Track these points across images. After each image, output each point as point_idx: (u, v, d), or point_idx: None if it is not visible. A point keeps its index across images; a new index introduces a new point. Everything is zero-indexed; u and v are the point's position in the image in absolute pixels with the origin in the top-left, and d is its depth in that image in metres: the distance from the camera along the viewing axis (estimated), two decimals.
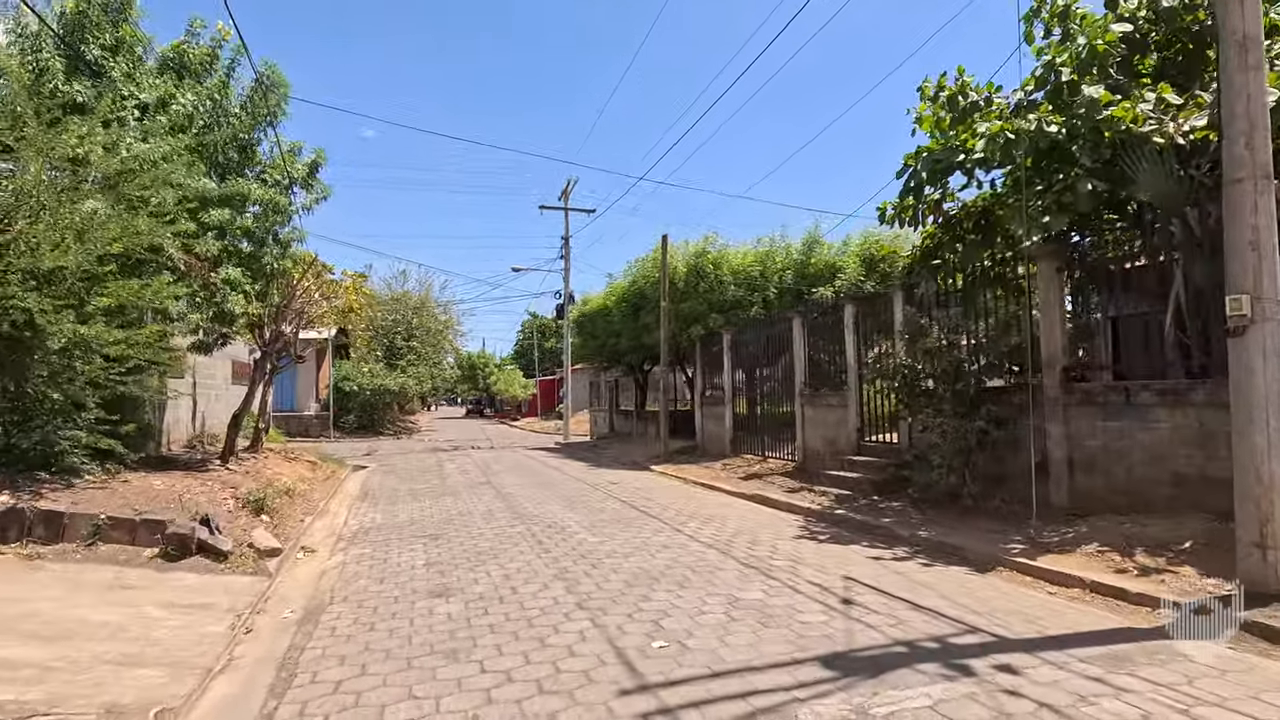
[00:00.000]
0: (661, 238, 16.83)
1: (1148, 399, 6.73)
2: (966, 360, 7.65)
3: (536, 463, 17.92)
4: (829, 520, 8.61)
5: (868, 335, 11.38)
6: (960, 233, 8.99)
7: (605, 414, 28.40)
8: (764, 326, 15.05)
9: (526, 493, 11.65)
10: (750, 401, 15.93)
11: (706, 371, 17.97)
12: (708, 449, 17.23)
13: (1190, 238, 6.40)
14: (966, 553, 6.49)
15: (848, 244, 17.01)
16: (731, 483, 12.41)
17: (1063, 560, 5.89)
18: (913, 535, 7.27)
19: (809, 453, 12.79)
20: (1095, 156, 6.78)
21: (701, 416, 17.84)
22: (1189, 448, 6.44)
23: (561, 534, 7.89)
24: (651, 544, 7.26)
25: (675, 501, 10.51)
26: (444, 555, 6.89)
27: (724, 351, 16.24)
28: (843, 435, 11.73)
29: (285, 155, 10.45)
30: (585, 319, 23.54)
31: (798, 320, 13.22)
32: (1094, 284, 7.57)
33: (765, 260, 17.01)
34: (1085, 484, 7.43)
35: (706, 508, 9.90)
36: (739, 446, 15.84)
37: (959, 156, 7.78)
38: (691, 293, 17.23)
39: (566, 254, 28.22)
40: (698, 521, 8.66)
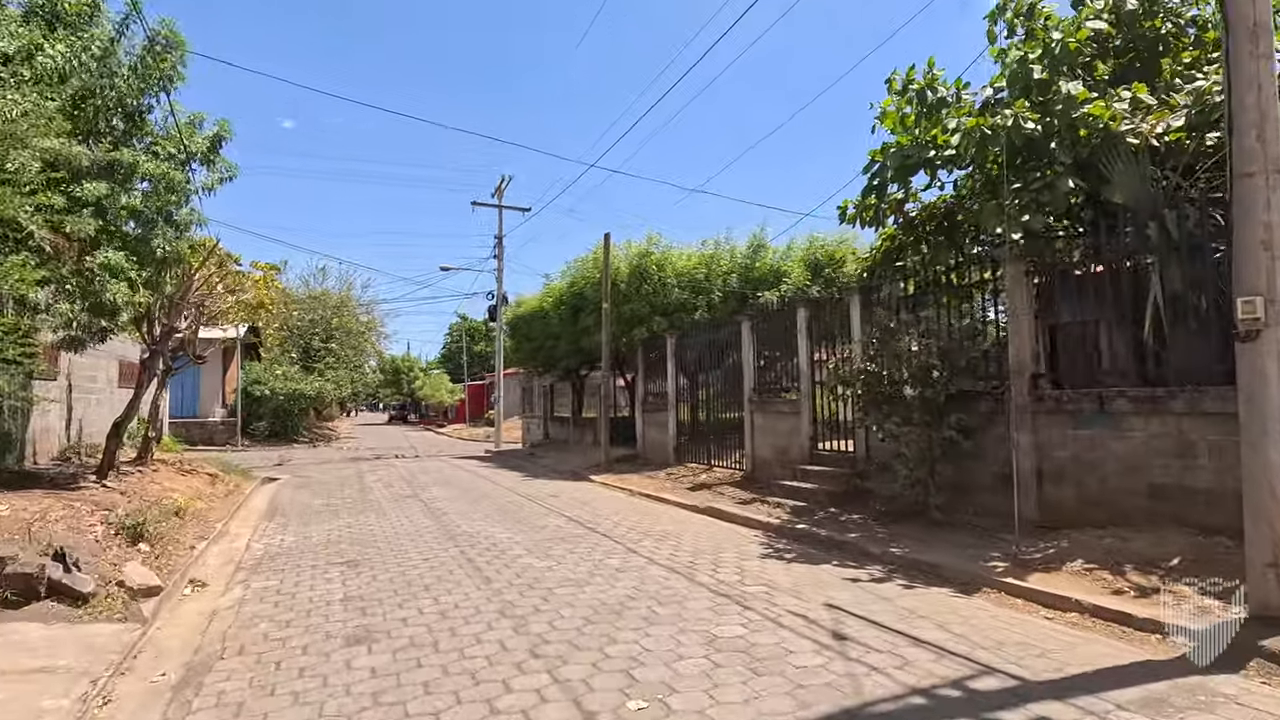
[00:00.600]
0: (604, 236, 16.12)
1: (1123, 407, 6.51)
2: (936, 366, 7.28)
3: (467, 473, 16.80)
4: (791, 536, 8.08)
5: (822, 340, 11.01)
6: (923, 234, 8.69)
7: (539, 420, 27.36)
8: (710, 330, 14.55)
9: (459, 507, 10.65)
10: (693, 408, 15.41)
11: (649, 376, 17.34)
12: (650, 457, 16.59)
13: (1166, 241, 6.21)
14: (946, 571, 6.06)
15: (792, 248, 16.79)
16: (679, 494, 11.78)
17: (1051, 579, 5.51)
18: (884, 552, 6.80)
19: (758, 462, 12.33)
20: (1073, 155, 6.53)
21: (643, 423, 17.18)
22: (1166, 458, 6.23)
23: (502, 557, 7.02)
24: (606, 568, 6.50)
25: (623, 515, 9.77)
26: (366, 587, 5.92)
27: (668, 356, 15.66)
28: (795, 444, 11.31)
29: (182, 126, 9.14)
30: (520, 321, 22.52)
31: (747, 324, 12.77)
32: (1057, 289, 7.35)
33: (710, 263, 16.55)
34: (1055, 496, 7.17)
35: (658, 522, 9.21)
36: (683, 455, 15.27)
37: (929, 152, 7.43)
38: (634, 295, 16.56)
39: (500, 253, 27.10)
40: (652, 539, 7.96)
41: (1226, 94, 4.56)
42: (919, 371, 7.41)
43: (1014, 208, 6.52)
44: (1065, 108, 6.55)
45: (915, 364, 7.38)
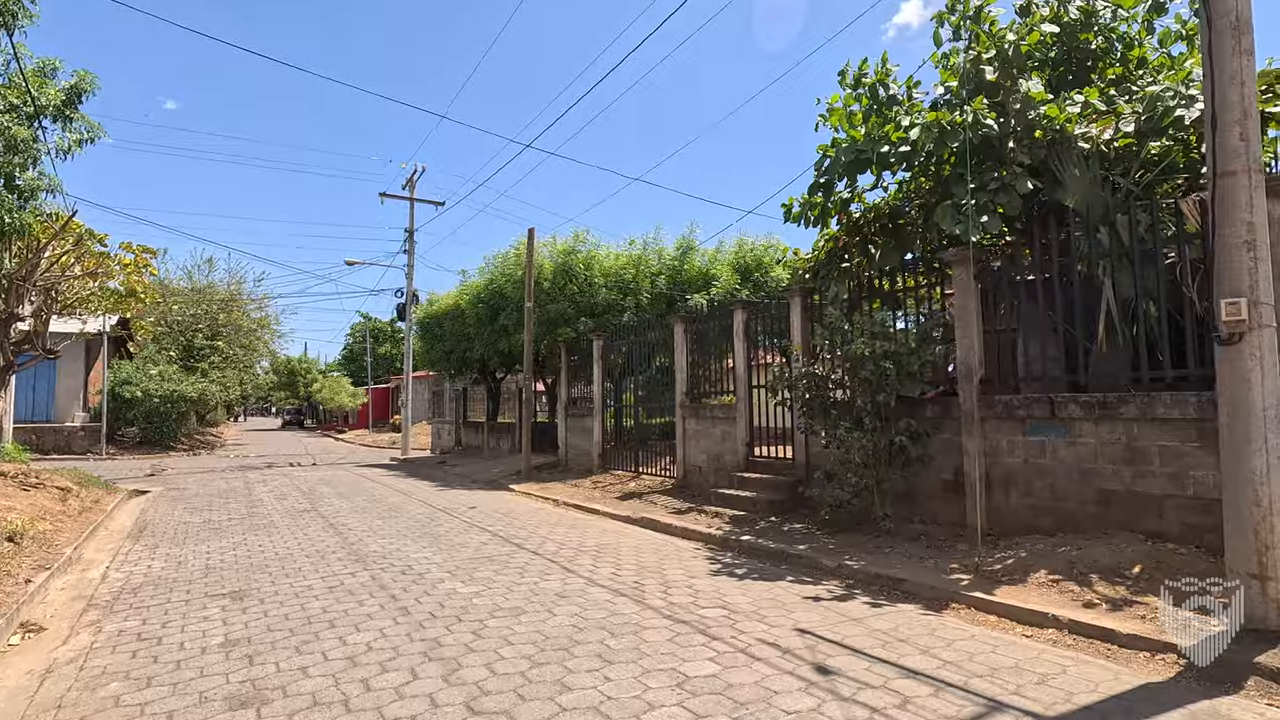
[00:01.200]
0: (528, 231, 15.27)
1: (1074, 413, 6.43)
2: (889, 370, 7.01)
3: (374, 483, 15.46)
4: (737, 549, 7.60)
5: (760, 343, 10.69)
6: (868, 235, 8.48)
7: (450, 426, 25.96)
8: (639, 332, 14.01)
9: (366, 523, 9.54)
10: (618, 413, 14.82)
11: (572, 380, 16.60)
12: (572, 465, 15.84)
13: (1119, 246, 6.18)
14: (910, 586, 5.72)
15: (721, 251, 16.54)
16: (608, 504, 11.12)
17: (1019, 593, 5.26)
18: (839, 565, 6.42)
19: (690, 469, 11.86)
20: (1030, 156, 6.41)
21: (565, 429, 16.41)
22: (1117, 464, 6.18)
23: (421, 582, 6.13)
24: (543, 592, 5.76)
25: (552, 529, 9.01)
26: (255, 626, 4.91)
27: (594, 358, 14.98)
28: (730, 450, 10.91)
29: (29, 74, 7.66)
30: (432, 321, 21.19)
31: (680, 326, 12.30)
32: (1007, 294, 7.27)
33: (638, 263, 16.05)
34: (1003, 503, 7.05)
35: (590, 536, 8.52)
36: (609, 462, 14.63)
37: (884, 147, 7.16)
38: (558, 294, 15.80)
39: (410, 248, 25.53)
40: (589, 556, 7.26)
41: (1208, 91, 4.42)
42: (872, 375, 7.12)
43: (971, 208, 6.33)
44: (1023, 107, 6.45)
45: (869, 368, 7.09)
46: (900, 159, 7.11)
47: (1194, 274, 5.75)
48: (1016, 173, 6.36)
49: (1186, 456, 5.72)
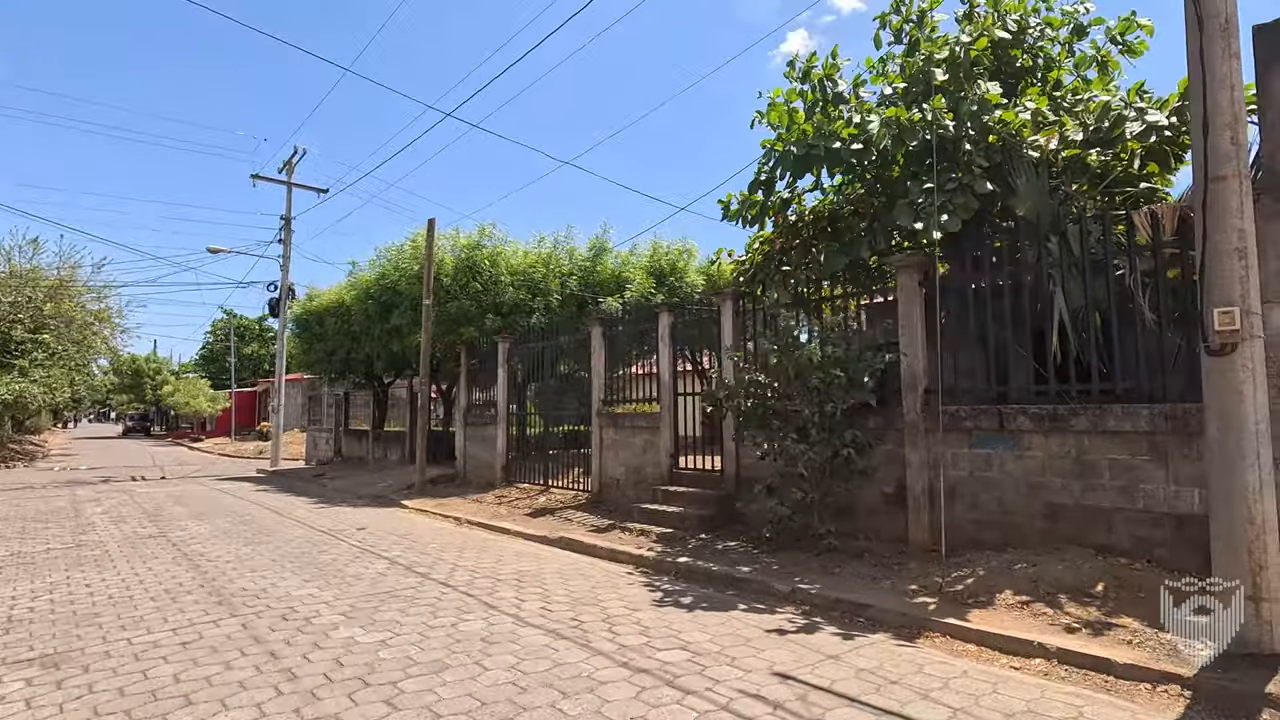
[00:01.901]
0: (428, 222, 13.97)
1: (1024, 424, 6.29)
2: (839, 378, 6.63)
3: (239, 500, 13.51)
4: (673, 572, 6.93)
5: (687, 349, 10.14)
6: (807, 238, 8.13)
7: (328, 434, 23.67)
8: (550, 335, 13.09)
9: (231, 551, 8.04)
10: (521, 421, 13.80)
11: (473, 384, 15.37)
12: (472, 477, 14.62)
13: (1068, 257, 6.11)
14: (875, 613, 5.27)
15: (635, 254, 15.95)
16: (519, 522, 10.14)
17: (992, 618, 4.93)
18: (794, 590, 5.90)
19: (607, 482, 11.11)
20: (987, 159, 6.24)
21: (464, 438, 15.16)
22: (1066, 477, 6.07)
23: (309, 630, 4.98)
24: (466, 638, 4.80)
25: (460, 554, 7.95)
26: (74, 716, 3.64)
27: (499, 362, 13.89)
28: (652, 462, 10.27)
29: None
30: (312, 318, 19.15)
31: (598, 328, 11.54)
32: (953, 301, 7.10)
33: (548, 262, 15.13)
34: (948, 517, 6.81)
35: (506, 561, 7.56)
36: (513, 474, 13.57)
37: (835, 144, 6.80)
38: (460, 292, 14.58)
39: (287, 238, 23.10)
40: (510, 587, 6.33)
41: (1197, 95, 4.27)
42: (821, 384, 6.70)
43: (931, 207, 6.05)
44: (980, 110, 6.27)
45: (818, 375, 6.66)
46: (853, 156, 6.77)
47: (1144, 286, 5.73)
48: (975, 174, 6.16)
49: (1137, 469, 5.67)
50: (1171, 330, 5.60)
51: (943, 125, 6.22)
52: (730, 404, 7.89)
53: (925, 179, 6.35)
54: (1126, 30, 7.87)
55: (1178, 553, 5.41)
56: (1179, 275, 5.60)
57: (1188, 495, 5.42)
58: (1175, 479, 5.48)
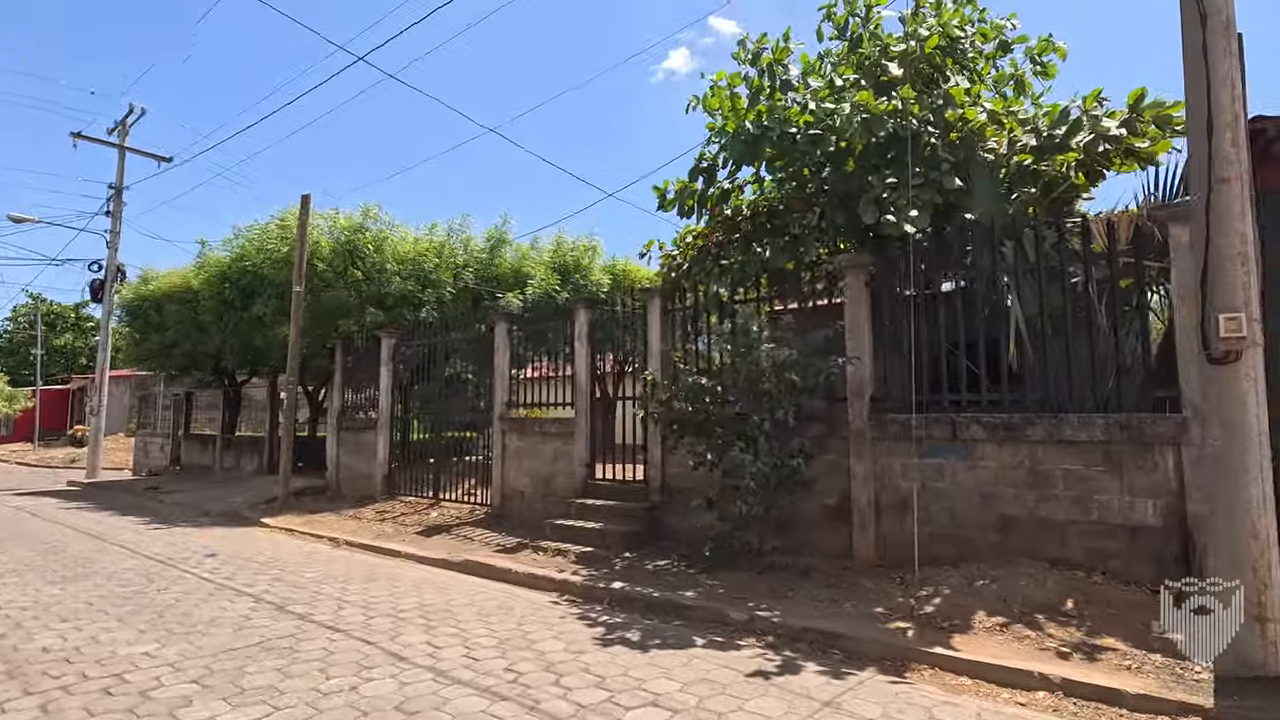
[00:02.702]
0: (301, 199, 12.19)
1: (977, 433, 6.08)
2: (796, 382, 6.12)
3: (45, 521, 11.04)
4: (608, 600, 6.10)
5: (606, 349, 9.35)
6: (747, 233, 7.63)
7: (164, 440, 20.49)
8: (443, 331, 11.80)
9: (30, 592, 6.24)
10: (406, 426, 12.38)
11: (348, 385, 13.65)
12: (345, 490, 12.93)
13: (1022, 262, 5.97)
14: (850, 644, 4.74)
15: (536, 248, 14.92)
16: (409, 541, 8.87)
17: (977, 645, 4.55)
18: (752, 618, 5.27)
19: (510, 494, 10.05)
20: (952, 155, 5.99)
21: (337, 445, 13.40)
22: (1019, 488, 5.91)
23: (147, 713, 3.67)
24: (375, 710, 3.71)
25: (345, 585, 6.65)
26: None
27: (383, 359, 12.37)
28: (565, 472, 9.36)
29: None
30: (147, 304, 16.38)
31: (504, 325, 10.47)
32: (902, 305, 6.84)
33: (441, 251, 13.77)
34: (895, 531, 6.51)
35: (404, 591, 6.38)
36: (396, 486, 12.11)
37: (790, 128, 6.31)
38: (338, 280, 12.89)
39: (117, 210, 19.77)
40: (418, 628, 5.23)
41: (1200, 94, 4.11)
42: (774, 388, 6.16)
43: (901, 202, 5.70)
44: (945, 104, 6.02)
45: (771, 379, 6.12)
46: (810, 144, 6.31)
47: (1100, 295, 5.67)
48: (943, 170, 5.87)
49: (1091, 480, 5.58)
50: (1126, 339, 5.56)
51: (910, 117, 5.89)
52: (668, 409, 7.20)
53: (889, 173, 5.99)
54: (1044, 51, 8.04)
55: (1131, 565, 5.34)
56: (1132, 284, 5.57)
57: (1142, 506, 5.37)
58: (1130, 490, 5.42)
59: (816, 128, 6.24)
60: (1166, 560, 5.20)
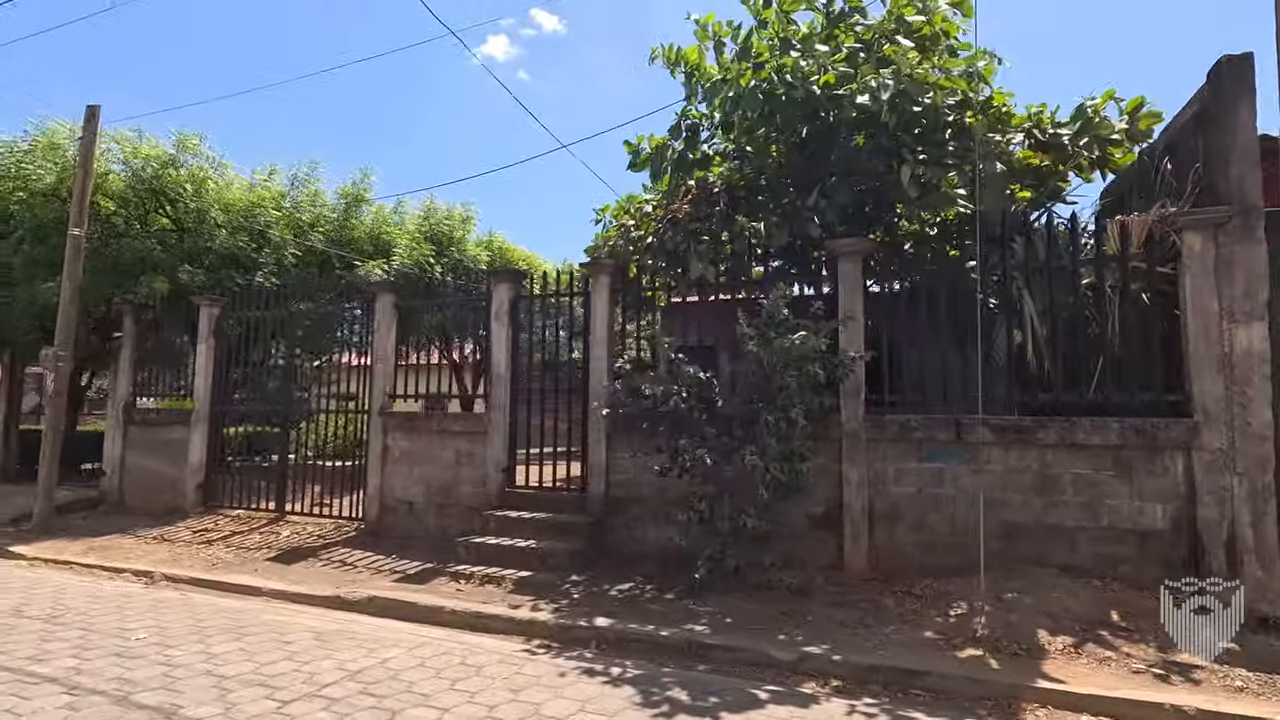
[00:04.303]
0: (87, 111, 9.01)
1: (984, 436, 5.77)
2: (820, 374, 5.35)
3: None
4: (597, 643, 4.84)
5: (529, 330, 7.92)
6: (724, 206, 6.75)
7: None
8: (284, 300, 9.40)
9: None
10: (217, 419, 9.77)
11: (141, 367, 10.49)
12: (136, 501, 9.90)
13: (1031, 261, 5.78)
14: (933, 680, 4.06)
15: (402, 213, 12.72)
16: (266, 571, 6.76)
17: (1067, 670, 4.09)
18: (801, 657, 4.39)
19: (392, 506, 8.18)
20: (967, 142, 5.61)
21: (123, 443, 10.23)
22: (1026, 493, 5.69)
23: None
24: None
25: (202, 645, 4.63)
26: None
27: (203, 334, 9.61)
28: (473, 478, 7.76)
29: None
30: None
31: (387, 299, 8.51)
32: (902, 299, 6.38)
33: (280, 203, 11.11)
34: (890, 540, 6.03)
35: (305, 651, 4.57)
36: (217, 496, 9.49)
37: (809, 89, 5.55)
38: (137, 227, 9.82)
39: None
40: (376, 716, 3.61)
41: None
42: (794, 382, 5.35)
43: (941, 179, 5.17)
44: (974, 80, 5.61)
45: (792, 373, 5.29)
46: (832, 105, 5.58)
47: (1113, 297, 5.62)
48: (981, 151, 5.44)
49: (1101, 485, 5.49)
50: (1136, 343, 5.55)
51: (947, 91, 5.41)
52: (633, 404, 6.08)
53: (921, 150, 5.46)
54: None
55: (1141, 569, 5.31)
56: (1143, 288, 5.57)
57: (1151, 511, 5.36)
58: (1139, 494, 5.39)
59: (837, 89, 5.53)
60: (1175, 564, 5.22)
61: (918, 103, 5.46)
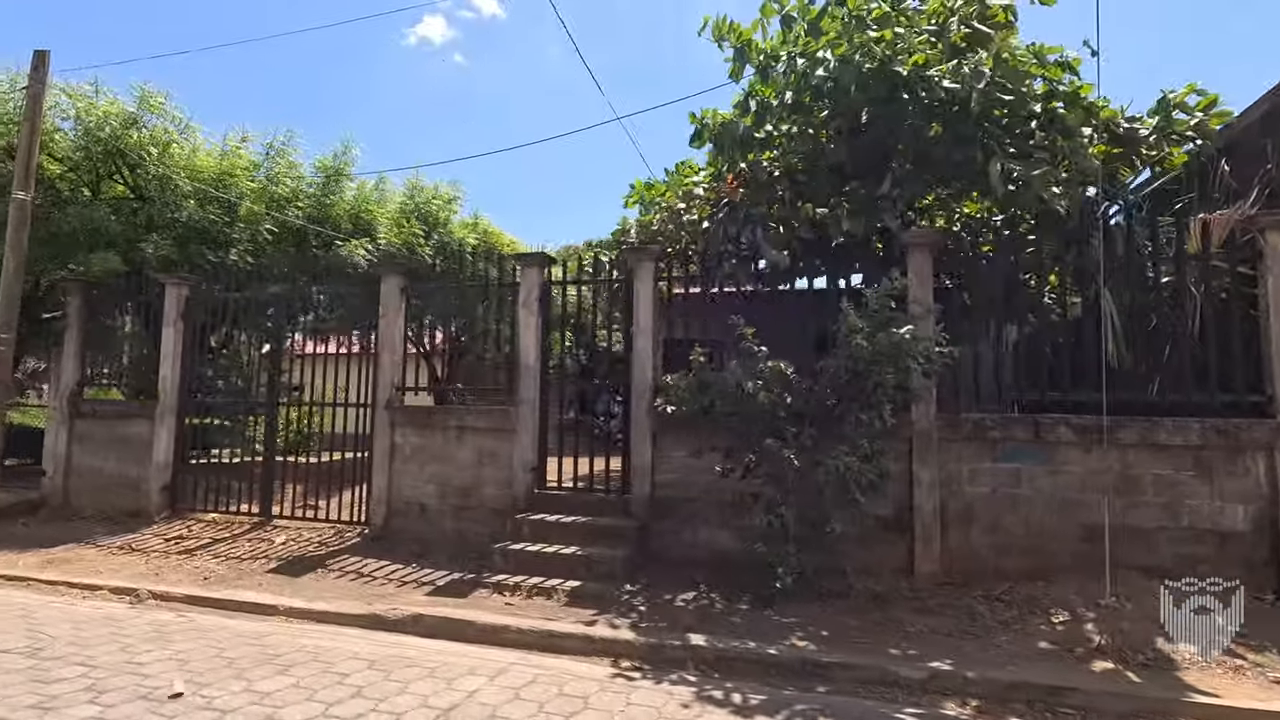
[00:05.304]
0: (35, 57, 7.80)
1: (1065, 436, 5.63)
2: (916, 370, 5.06)
3: None
4: (694, 663, 4.40)
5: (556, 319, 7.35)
6: (785, 191, 6.38)
7: None
8: (256, 282, 8.47)
9: None
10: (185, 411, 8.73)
11: (89, 351, 9.29)
12: (85, 503, 8.77)
13: (1111, 257, 5.67)
14: (1078, 697, 3.81)
15: (384, 190, 11.76)
16: (274, 586, 6.00)
17: (1214, 683, 3.93)
18: (934, 676, 4.08)
19: (402, 509, 7.47)
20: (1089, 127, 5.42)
21: (70, 438, 9.03)
22: (1106, 494, 5.56)
23: None
24: None
25: (242, 682, 3.93)
26: None
27: (170, 317, 8.56)
28: (497, 479, 7.14)
29: None
30: None
31: (394, 281, 7.75)
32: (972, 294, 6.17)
33: (252, 174, 10.05)
34: (963, 542, 5.83)
35: (370, 686, 3.95)
36: (185, 498, 8.49)
37: (894, 71, 5.25)
38: (87, 193, 8.65)
39: None
40: None
41: None
42: (891, 378, 5.04)
43: (1043, 171, 4.94)
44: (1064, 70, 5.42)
45: (892, 368, 4.98)
46: (921, 87, 5.28)
47: (1194, 296, 5.55)
48: (1078, 143, 5.25)
49: (1180, 485, 5.43)
50: (1218, 343, 5.50)
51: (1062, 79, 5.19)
52: (696, 398, 5.65)
53: (1010, 143, 5.23)
54: None
55: (1220, 570, 5.23)
56: (1224, 287, 5.53)
57: (1232, 511, 5.34)
58: (1220, 495, 5.36)
59: (926, 70, 5.24)
60: (1255, 565, 5.22)
61: (1009, 90, 5.22)
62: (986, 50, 5.42)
